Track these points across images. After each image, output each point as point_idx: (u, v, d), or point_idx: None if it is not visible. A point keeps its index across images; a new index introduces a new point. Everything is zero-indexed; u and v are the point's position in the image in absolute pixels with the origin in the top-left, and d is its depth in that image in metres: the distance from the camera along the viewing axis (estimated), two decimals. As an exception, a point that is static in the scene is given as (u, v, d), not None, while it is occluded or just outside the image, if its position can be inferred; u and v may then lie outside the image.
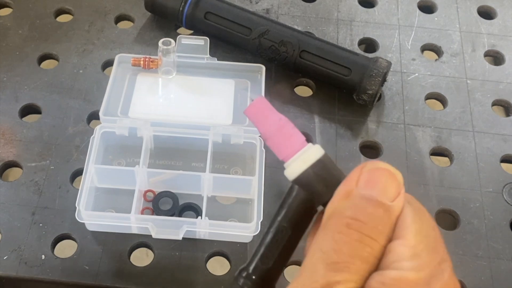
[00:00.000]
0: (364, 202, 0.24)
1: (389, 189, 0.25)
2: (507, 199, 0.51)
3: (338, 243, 0.24)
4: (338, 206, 0.25)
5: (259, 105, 0.27)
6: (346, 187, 0.25)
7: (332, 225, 0.24)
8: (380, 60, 0.53)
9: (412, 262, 0.24)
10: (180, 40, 0.54)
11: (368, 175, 0.25)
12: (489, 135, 0.54)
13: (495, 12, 0.64)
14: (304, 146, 0.27)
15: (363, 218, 0.24)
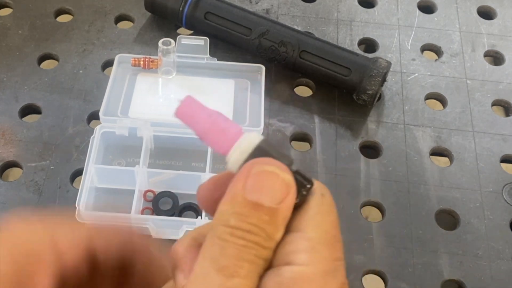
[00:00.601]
0: (248, 208, 0.24)
1: (276, 192, 0.25)
2: (506, 199, 0.51)
3: (226, 248, 0.24)
4: (223, 212, 0.25)
5: (188, 105, 0.27)
6: (233, 189, 0.25)
7: (218, 232, 0.25)
8: (380, 60, 0.53)
9: (308, 255, 0.24)
10: (180, 40, 0.54)
11: (255, 178, 0.25)
12: (489, 135, 0.54)
13: (495, 12, 0.64)
14: (240, 136, 0.27)
15: (246, 227, 0.24)
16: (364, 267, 0.46)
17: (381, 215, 0.50)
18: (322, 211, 0.26)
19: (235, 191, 0.25)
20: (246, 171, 0.25)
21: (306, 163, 0.51)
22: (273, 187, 0.25)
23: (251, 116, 0.52)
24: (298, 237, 0.25)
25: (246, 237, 0.24)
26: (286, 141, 0.53)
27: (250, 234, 0.24)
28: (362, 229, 0.48)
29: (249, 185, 0.25)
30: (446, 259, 0.47)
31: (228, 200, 0.25)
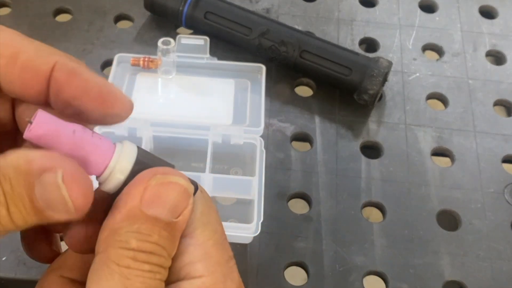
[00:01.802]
0: (149, 226, 0.22)
1: (177, 206, 0.22)
2: (508, 199, 0.50)
3: (130, 278, 0.21)
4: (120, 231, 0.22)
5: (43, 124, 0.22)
6: (128, 204, 0.22)
7: (116, 258, 0.21)
8: (381, 60, 0.53)
9: (204, 263, 0.23)
10: (180, 40, 0.54)
11: (155, 190, 0.22)
12: (491, 135, 0.54)
13: (497, 12, 0.64)
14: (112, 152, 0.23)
15: (150, 248, 0.22)
16: (365, 268, 0.46)
17: (382, 215, 0.50)
18: (205, 210, 0.24)
19: (130, 206, 0.22)
20: (142, 183, 0.22)
21: (306, 163, 0.51)
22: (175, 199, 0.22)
23: (251, 116, 0.52)
24: (190, 244, 0.23)
25: (151, 260, 0.22)
26: (287, 141, 0.53)
27: (153, 256, 0.22)
28: (362, 229, 0.48)
29: (149, 197, 0.22)
30: (447, 259, 0.47)
31: (122, 217, 0.22)
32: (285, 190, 0.50)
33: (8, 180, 0.20)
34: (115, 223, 0.22)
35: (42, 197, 0.21)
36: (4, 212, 0.20)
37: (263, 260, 0.46)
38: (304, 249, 0.47)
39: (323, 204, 0.49)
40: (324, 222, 0.48)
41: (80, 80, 0.23)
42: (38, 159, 0.21)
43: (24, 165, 0.20)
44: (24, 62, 0.23)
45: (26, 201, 0.21)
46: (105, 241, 0.22)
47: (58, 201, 0.21)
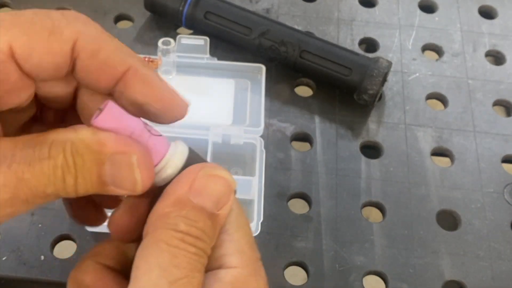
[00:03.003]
0: (196, 213, 0.24)
1: (221, 199, 0.25)
2: (508, 199, 0.50)
3: (178, 257, 0.23)
4: (170, 215, 0.24)
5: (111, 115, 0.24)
6: (177, 192, 0.24)
7: (166, 238, 0.23)
8: (381, 60, 0.53)
9: (238, 257, 0.25)
10: (180, 40, 0.54)
11: (203, 181, 0.24)
12: (490, 135, 0.54)
13: (496, 12, 0.64)
14: (167, 148, 0.26)
15: (196, 233, 0.23)
16: (365, 267, 0.46)
17: (382, 215, 0.50)
18: (239, 213, 0.26)
19: (179, 194, 0.24)
20: (192, 173, 0.25)
21: (306, 163, 0.51)
22: (220, 193, 0.25)
23: (251, 116, 0.52)
24: (226, 240, 0.25)
25: (197, 244, 0.23)
26: (286, 141, 0.53)
27: (199, 240, 0.24)
28: (362, 229, 0.48)
29: (197, 187, 0.24)
30: (447, 259, 0.47)
31: (172, 203, 0.24)
32: (285, 190, 0.50)
33: (80, 155, 0.23)
34: (164, 207, 0.24)
35: (111, 174, 0.23)
36: (72, 182, 0.23)
37: (263, 259, 0.46)
38: (304, 249, 0.47)
39: (323, 204, 0.49)
40: (324, 222, 0.48)
41: (150, 89, 0.25)
42: (112, 141, 0.23)
43: (96, 146, 0.23)
44: (103, 59, 0.24)
45: (94, 175, 0.23)
46: (155, 224, 0.24)
47: (128, 179, 0.24)
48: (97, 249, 0.28)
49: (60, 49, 0.23)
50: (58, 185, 0.23)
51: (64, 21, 0.24)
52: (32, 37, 0.23)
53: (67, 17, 0.24)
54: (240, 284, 0.24)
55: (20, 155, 0.22)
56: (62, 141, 0.23)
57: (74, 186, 0.23)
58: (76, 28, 0.24)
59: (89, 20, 0.25)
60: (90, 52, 0.24)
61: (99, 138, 0.23)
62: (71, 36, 0.23)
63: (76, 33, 0.23)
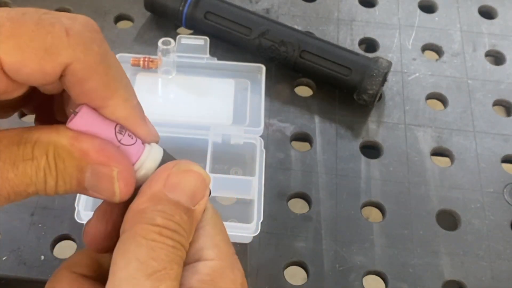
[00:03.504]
0: (172, 208, 0.24)
1: (196, 194, 0.25)
2: (508, 199, 0.50)
3: (155, 250, 0.23)
4: (146, 210, 0.24)
5: (85, 119, 0.24)
6: (152, 188, 0.25)
7: (143, 232, 0.23)
8: (381, 60, 0.53)
9: (214, 250, 0.25)
10: (180, 40, 0.54)
11: (177, 177, 0.25)
12: (490, 135, 0.54)
13: (496, 12, 0.64)
14: (144, 147, 0.26)
15: (173, 226, 0.24)
16: (365, 267, 0.46)
17: (381, 215, 0.50)
18: (213, 212, 0.27)
19: (155, 190, 0.25)
20: (167, 169, 0.25)
21: (306, 163, 0.51)
22: (194, 187, 0.25)
23: (251, 116, 0.52)
24: (202, 235, 0.26)
25: (174, 237, 0.24)
26: (286, 141, 0.53)
27: (176, 234, 0.24)
28: (362, 229, 0.48)
29: (172, 183, 0.25)
30: (447, 259, 0.47)
31: (147, 198, 0.24)
32: (285, 190, 0.50)
33: (62, 160, 0.23)
34: (140, 203, 0.24)
35: (91, 182, 0.24)
36: (53, 184, 0.23)
37: (263, 259, 0.46)
38: (304, 249, 0.47)
39: (323, 204, 0.49)
40: (324, 222, 0.48)
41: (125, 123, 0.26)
42: (94, 151, 0.24)
43: (78, 153, 0.24)
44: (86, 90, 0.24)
45: (74, 179, 0.24)
46: (131, 220, 0.24)
47: (107, 190, 0.24)
48: (72, 259, 0.28)
49: (51, 70, 0.23)
50: (39, 185, 0.23)
51: (64, 41, 0.23)
52: (25, 55, 0.22)
53: (70, 36, 0.23)
54: (217, 275, 0.25)
55: (4, 152, 0.23)
56: (45, 143, 0.23)
57: (54, 188, 0.24)
58: (74, 53, 0.23)
59: (94, 40, 0.24)
60: (78, 79, 0.24)
61: (81, 146, 0.24)
62: (65, 61, 0.23)
63: (71, 58, 0.23)
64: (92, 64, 0.23)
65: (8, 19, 0.22)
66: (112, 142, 0.25)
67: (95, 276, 0.27)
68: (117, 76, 0.25)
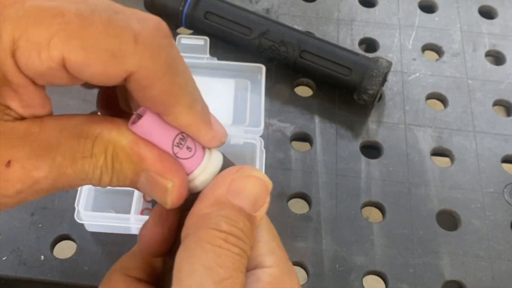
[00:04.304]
0: (236, 214, 0.24)
1: (258, 200, 0.25)
2: (508, 199, 0.50)
3: (221, 257, 0.23)
4: (210, 215, 0.24)
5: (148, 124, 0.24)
6: (215, 193, 0.24)
7: (209, 238, 0.23)
8: (381, 60, 0.53)
9: (272, 257, 0.25)
10: (180, 40, 0.54)
11: (241, 182, 0.25)
12: (490, 135, 0.54)
13: (496, 12, 0.64)
14: (204, 153, 0.26)
15: (238, 233, 0.24)
16: (365, 267, 0.46)
17: (381, 215, 0.50)
18: (267, 219, 0.27)
19: (218, 194, 0.24)
20: (230, 174, 0.25)
21: (306, 163, 0.51)
22: (257, 194, 0.25)
23: (251, 116, 0.52)
24: (258, 241, 0.26)
25: (239, 244, 0.24)
26: (286, 141, 0.53)
27: (241, 241, 0.24)
28: (362, 229, 0.48)
29: (235, 188, 0.24)
30: (447, 259, 0.47)
31: (211, 203, 0.24)
32: (285, 190, 0.50)
33: (120, 161, 0.23)
34: (203, 208, 0.24)
35: (145, 186, 0.24)
36: (107, 181, 0.23)
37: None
38: (304, 249, 0.47)
39: (323, 204, 0.49)
40: (324, 222, 0.48)
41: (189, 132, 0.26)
42: (151, 159, 0.24)
43: (136, 157, 0.23)
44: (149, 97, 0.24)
45: (128, 180, 0.24)
46: (195, 225, 0.24)
47: (159, 198, 0.24)
48: (124, 262, 0.28)
49: (115, 75, 0.22)
50: (94, 181, 0.23)
51: (131, 49, 0.22)
52: (90, 56, 0.21)
53: (138, 43, 0.22)
54: (277, 282, 0.25)
55: (65, 146, 0.22)
56: (105, 141, 0.23)
57: (108, 183, 0.24)
58: (140, 61, 0.22)
59: (162, 46, 0.23)
60: (141, 87, 0.23)
61: (140, 152, 0.24)
62: (131, 68, 0.22)
63: (137, 66, 0.22)
64: (157, 73, 0.23)
65: (77, 15, 0.21)
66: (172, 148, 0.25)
67: (149, 280, 0.27)
68: (182, 83, 0.24)
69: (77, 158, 0.23)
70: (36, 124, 0.23)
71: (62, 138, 0.23)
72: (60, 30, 0.21)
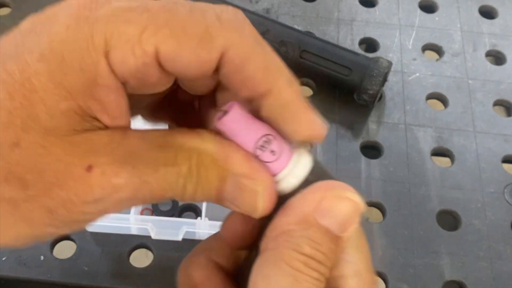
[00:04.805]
0: (321, 236, 0.23)
1: (347, 222, 0.23)
2: (508, 199, 0.50)
3: (300, 282, 0.22)
4: (293, 234, 0.22)
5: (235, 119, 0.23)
6: (302, 209, 0.23)
7: (288, 259, 0.22)
8: (381, 60, 0.53)
9: (356, 280, 0.24)
10: (180, 40, 0.54)
11: (331, 202, 0.23)
12: (490, 135, 0.54)
13: (496, 12, 0.64)
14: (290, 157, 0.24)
15: (320, 257, 0.22)
16: (365, 268, 0.46)
17: (382, 215, 0.50)
18: (359, 235, 0.25)
19: (305, 212, 0.23)
20: (320, 191, 0.23)
21: (306, 163, 0.51)
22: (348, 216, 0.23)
23: (251, 116, 0.51)
24: (344, 260, 0.24)
25: (320, 269, 0.22)
26: (287, 141, 0.53)
27: (322, 265, 0.22)
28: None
29: (323, 208, 0.23)
30: (447, 259, 0.47)
31: (296, 220, 0.23)
32: (285, 190, 0.50)
33: (205, 168, 0.22)
34: (287, 224, 0.23)
35: (232, 194, 0.23)
36: (191, 191, 0.22)
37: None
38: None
39: (323, 204, 0.49)
40: (324, 222, 0.48)
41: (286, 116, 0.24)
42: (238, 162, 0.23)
43: (222, 162, 0.23)
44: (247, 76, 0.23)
45: (214, 189, 0.23)
46: (276, 240, 0.23)
47: (248, 204, 0.23)
48: (211, 243, 0.27)
49: (208, 58, 0.22)
50: (177, 192, 0.22)
51: (217, 27, 0.22)
52: (181, 43, 0.21)
53: (222, 22, 0.22)
54: None
55: (147, 155, 0.22)
56: (188, 149, 0.22)
57: (192, 195, 0.23)
58: (229, 38, 0.22)
59: (245, 25, 0.23)
60: (236, 66, 0.22)
61: (226, 154, 0.23)
62: (221, 46, 0.22)
63: (227, 43, 0.22)
64: (249, 46, 0.22)
65: (162, 9, 0.22)
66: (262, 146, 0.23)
67: (229, 267, 0.26)
68: (276, 59, 0.23)
69: (159, 166, 0.22)
70: (118, 133, 0.22)
71: (144, 147, 0.22)
72: (149, 24, 0.21)
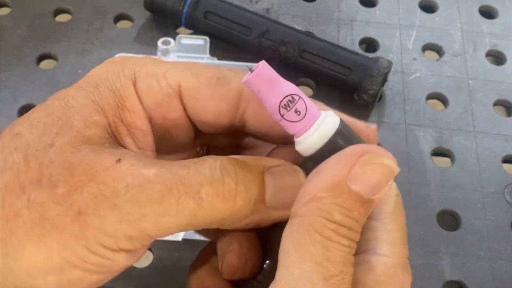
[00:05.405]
0: (352, 202, 0.22)
1: (379, 185, 0.23)
2: (508, 199, 0.50)
3: (331, 251, 0.21)
4: (323, 201, 0.22)
5: (264, 73, 0.23)
6: (334, 174, 0.22)
7: (318, 227, 0.22)
8: (381, 60, 0.53)
9: (390, 246, 0.24)
10: (180, 39, 0.54)
11: (365, 168, 0.22)
12: (491, 135, 0.54)
13: (497, 12, 0.64)
14: (317, 117, 0.24)
15: (350, 223, 0.22)
16: (365, 268, 0.46)
17: (382, 215, 0.50)
18: (398, 206, 0.25)
19: (337, 178, 0.22)
20: (354, 157, 0.23)
21: (306, 163, 0.51)
22: (381, 181, 0.23)
23: (251, 116, 0.51)
24: (379, 227, 0.24)
25: (350, 235, 0.22)
26: (287, 141, 0.53)
27: (352, 232, 0.22)
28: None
29: (356, 173, 0.22)
30: (448, 260, 0.47)
31: (328, 187, 0.22)
32: (285, 190, 0.50)
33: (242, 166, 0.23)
34: (318, 190, 0.22)
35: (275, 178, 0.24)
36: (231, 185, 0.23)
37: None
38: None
39: (323, 204, 0.49)
40: (324, 222, 0.48)
41: None
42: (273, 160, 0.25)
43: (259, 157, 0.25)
44: None
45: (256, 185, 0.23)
46: (306, 206, 0.22)
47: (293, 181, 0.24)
48: None
49: (226, 95, 0.24)
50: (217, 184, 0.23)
51: (232, 73, 0.25)
52: (200, 80, 0.24)
53: (236, 72, 0.25)
54: (390, 275, 0.23)
55: None
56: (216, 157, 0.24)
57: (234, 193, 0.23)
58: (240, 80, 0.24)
59: None
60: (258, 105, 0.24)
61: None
62: (238, 86, 0.24)
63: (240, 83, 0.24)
64: None
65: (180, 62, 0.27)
66: (274, 115, 0.23)
67: None
68: None
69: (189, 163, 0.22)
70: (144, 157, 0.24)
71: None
72: (172, 67, 0.25)
